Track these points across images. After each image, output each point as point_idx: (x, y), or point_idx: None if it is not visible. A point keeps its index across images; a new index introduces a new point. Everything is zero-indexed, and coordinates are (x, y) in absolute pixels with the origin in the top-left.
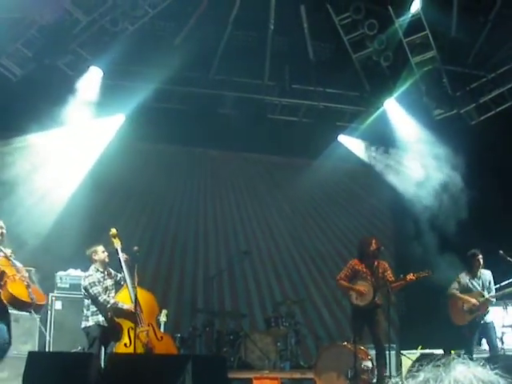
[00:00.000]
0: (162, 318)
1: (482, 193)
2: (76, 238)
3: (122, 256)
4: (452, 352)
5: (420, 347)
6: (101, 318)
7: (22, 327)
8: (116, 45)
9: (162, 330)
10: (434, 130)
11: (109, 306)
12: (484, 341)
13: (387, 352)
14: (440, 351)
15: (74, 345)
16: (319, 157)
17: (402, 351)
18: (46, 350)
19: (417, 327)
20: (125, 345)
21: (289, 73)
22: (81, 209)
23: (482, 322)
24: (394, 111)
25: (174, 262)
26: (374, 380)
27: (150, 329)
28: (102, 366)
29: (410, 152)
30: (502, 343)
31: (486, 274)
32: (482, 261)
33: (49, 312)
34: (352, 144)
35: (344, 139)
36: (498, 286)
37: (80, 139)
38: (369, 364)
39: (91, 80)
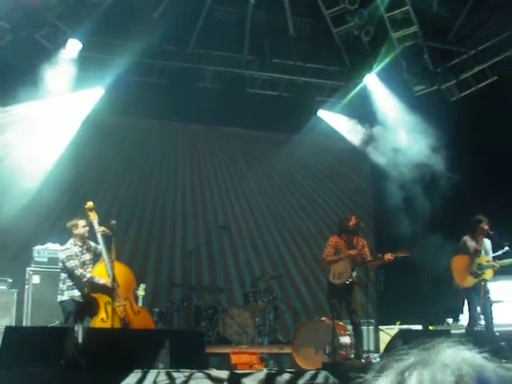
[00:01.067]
0: (141, 293)
1: (460, 168)
2: (54, 211)
3: (98, 230)
4: (430, 328)
5: (398, 323)
6: (76, 293)
7: None
8: (94, 17)
9: (140, 304)
10: (414, 106)
11: (85, 280)
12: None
13: (365, 327)
14: (418, 327)
15: (52, 319)
16: (299, 132)
17: (380, 327)
18: (24, 324)
19: (395, 303)
20: (102, 319)
21: (268, 47)
22: (59, 181)
23: (485, 289)
24: (374, 86)
25: (152, 236)
26: (352, 355)
27: (127, 303)
28: (79, 340)
29: (390, 127)
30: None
31: (487, 243)
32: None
33: (26, 286)
34: (332, 119)
35: (324, 114)
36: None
37: (58, 112)
38: (347, 339)
39: (70, 53)
